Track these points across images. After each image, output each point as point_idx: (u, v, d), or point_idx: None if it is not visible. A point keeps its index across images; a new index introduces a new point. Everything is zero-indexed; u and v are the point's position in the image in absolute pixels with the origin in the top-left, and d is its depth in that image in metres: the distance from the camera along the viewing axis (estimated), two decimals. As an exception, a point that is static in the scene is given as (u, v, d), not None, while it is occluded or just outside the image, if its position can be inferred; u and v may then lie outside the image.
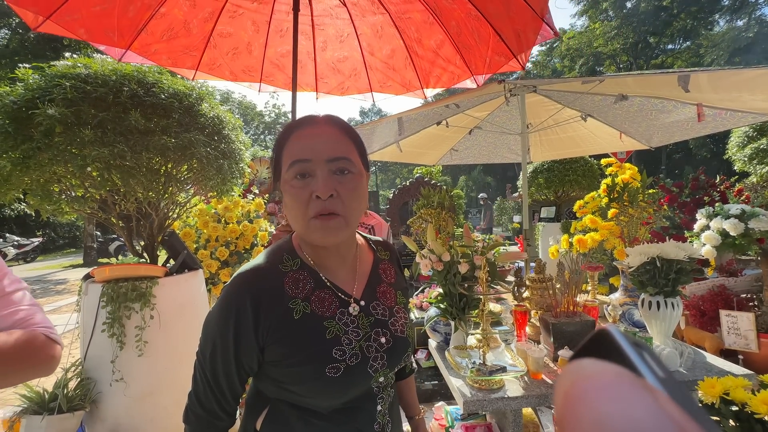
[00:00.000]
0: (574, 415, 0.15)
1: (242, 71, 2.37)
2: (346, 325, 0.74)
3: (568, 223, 3.64)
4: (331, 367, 0.69)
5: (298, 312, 0.71)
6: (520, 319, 1.76)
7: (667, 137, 3.94)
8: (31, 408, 1.77)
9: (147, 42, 1.99)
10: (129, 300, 1.84)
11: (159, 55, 2.07)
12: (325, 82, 2.57)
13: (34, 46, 11.27)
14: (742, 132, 6.35)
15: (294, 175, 0.70)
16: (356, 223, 0.74)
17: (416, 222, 2.35)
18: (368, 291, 0.81)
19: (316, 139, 0.71)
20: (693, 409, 0.14)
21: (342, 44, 2.42)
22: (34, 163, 1.67)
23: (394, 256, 0.94)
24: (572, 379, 0.16)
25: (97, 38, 1.86)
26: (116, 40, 1.88)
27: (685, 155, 23.97)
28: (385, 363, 0.76)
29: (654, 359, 0.16)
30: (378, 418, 0.77)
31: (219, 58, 2.24)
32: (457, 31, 2.16)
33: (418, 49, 2.36)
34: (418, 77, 2.48)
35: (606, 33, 26.83)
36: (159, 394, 1.90)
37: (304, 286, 0.74)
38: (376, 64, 2.50)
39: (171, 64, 2.13)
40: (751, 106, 2.93)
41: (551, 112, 3.77)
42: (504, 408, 1.44)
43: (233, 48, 2.26)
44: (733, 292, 2.58)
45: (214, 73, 2.28)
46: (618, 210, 2.30)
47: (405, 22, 2.25)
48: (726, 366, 1.58)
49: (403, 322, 0.83)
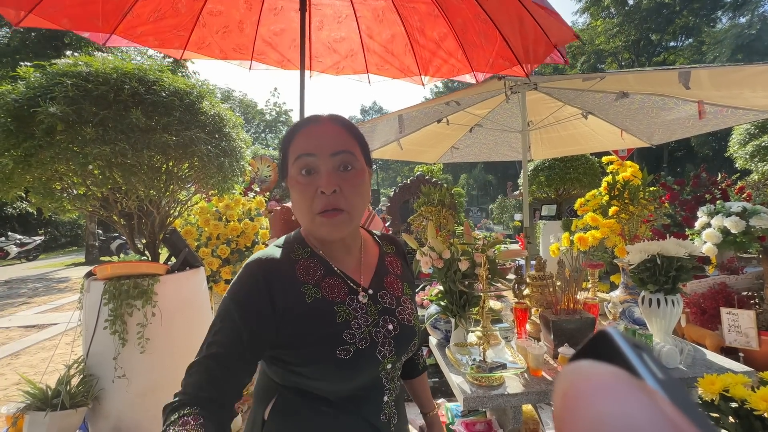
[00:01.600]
0: (572, 416, 0.15)
1: (232, 49, 2.29)
2: (356, 310, 0.76)
3: (569, 221, 3.64)
4: (341, 348, 0.71)
5: (310, 296, 0.74)
6: (521, 317, 1.77)
7: (668, 135, 3.93)
8: (34, 404, 1.79)
9: (133, 25, 1.93)
10: (131, 297, 1.85)
11: (145, 37, 2.00)
12: (319, 60, 2.51)
13: (36, 44, 11.27)
14: (743, 129, 6.33)
15: (299, 171, 0.73)
16: (359, 217, 0.77)
17: (417, 220, 2.35)
18: (375, 280, 0.84)
19: (320, 135, 0.74)
20: (691, 411, 0.14)
21: (340, 25, 2.36)
22: (36, 161, 1.67)
23: (400, 249, 0.96)
24: (571, 379, 0.17)
25: (81, 26, 1.81)
26: (100, 25, 1.83)
27: (687, 153, 23.90)
28: (393, 350, 0.77)
29: (653, 361, 0.17)
30: (384, 409, 0.78)
31: (208, 37, 2.17)
32: (462, 29, 2.13)
33: (420, 38, 2.32)
34: (417, 64, 2.44)
35: (608, 30, 26.72)
36: (161, 390, 1.91)
37: (315, 273, 0.77)
38: (375, 47, 2.44)
39: (158, 45, 2.05)
40: (752, 104, 2.92)
41: (552, 109, 3.77)
42: (504, 405, 1.44)
43: (224, 26, 2.19)
44: (734, 290, 2.58)
45: (203, 51, 2.20)
46: (618, 208, 2.30)
47: (408, 11, 2.22)
48: (726, 363, 1.58)
49: (410, 312, 0.85)
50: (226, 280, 2.97)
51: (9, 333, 4.92)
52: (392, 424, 0.80)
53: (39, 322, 5.35)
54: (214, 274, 2.95)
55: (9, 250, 12.35)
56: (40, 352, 4.15)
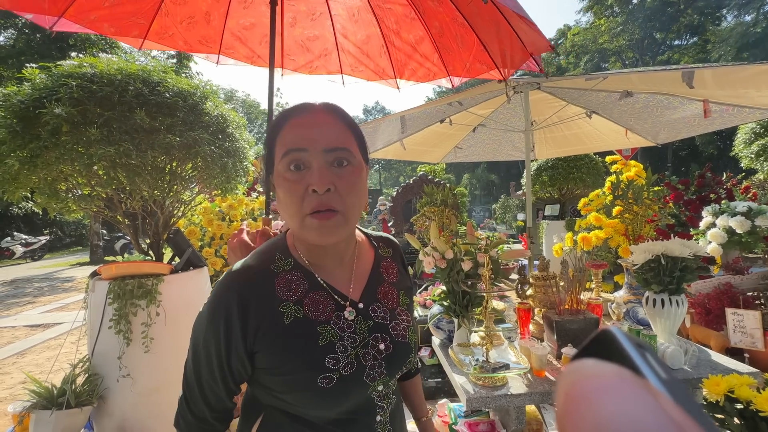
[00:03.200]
0: (575, 415, 0.15)
1: (198, 41, 2.18)
2: (342, 330, 0.69)
3: (572, 220, 3.63)
4: (323, 377, 0.64)
5: (289, 316, 0.67)
6: (524, 317, 1.76)
7: (674, 134, 3.91)
8: (40, 403, 1.80)
9: (85, 9, 1.78)
10: (135, 297, 1.86)
11: (100, 23, 1.85)
12: (291, 59, 2.41)
13: (40, 46, 11.34)
14: (749, 128, 6.28)
15: (288, 166, 0.64)
16: (356, 220, 0.69)
17: (420, 219, 2.35)
18: (368, 292, 0.75)
19: (312, 127, 0.65)
20: (694, 410, 0.14)
21: (313, 23, 2.27)
22: (42, 161, 1.69)
23: (398, 253, 0.87)
24: (573, 379, 0.16)
25: (23, 6, 1.65)
26: (46, 7, 1.67)
27: (692, 152, 23.74)
28: (384, 371, 0.71)
29: (656, 360, 0.16)
30: (378, 428, 0.72)
31: (171, 27, 2.05)
32: (438, 32, 2.10)
33: (396, 40, 2.27)
34: (392, 67, 2.38)
35: (611, 29, 26.61)
36: (165, 389, 1.92)
37: (297, 288, 0.69)
38: (349, 48, 2.37)
39: (114, 32, 1.93)
40: (758, 102, 2.90)
41: (555, 109, 3.75)
42: (507, 405, 1.44)
43: (188, 17, 2.06)
44: (740, 290, 2.55)
45: (166, 42, 2.07)
46: (622, 207, 2.28)
47: (384, 12, 2.17)
48: (731, 364, 1.57)
49: (405, 326, 0.77)
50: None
51: (15, 332, 4.96)
52: None
53: (44, 322, 5.38)
54: (218, 274, 2.96)
55: (15, 250, 12.45)
56: (46, 351, 4.19)
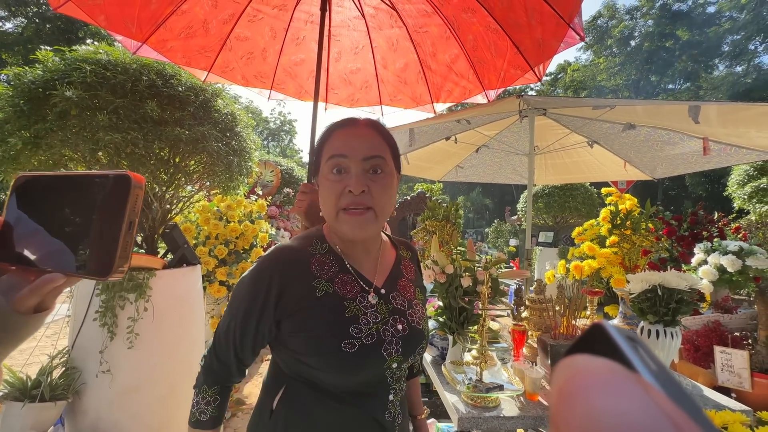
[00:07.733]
0: (568, 411, 0.15)
1: (254, 77, 2.32)
2: (366, 308, 0.79)
3: (565, 248, 3.65)
4: (346, 342, 0.73)
5: (321, 290, 0.76)
6: (518, 339, 1.75)
7: (671, 169, 4.00)
8: (12, 394, 1.72)
9: (164, 38, 1.96)
10: (125, 290, 1.81)
11: (174, 53, 2.03)
12: (335, 93, 2.54)
13: (49, 35, 11.40)
14: (742, 170, 6.46)
15: (331, 169, 0.76)
16: (384, 219, 0.79)
17: (419, 233, 2.35)
18: (389, 281, 0.86)
19: (354, 138, 0.77)
20: (686, 402, 0.14)
21: (356, 56, 2.40)
22: (45, 143, 1.67)
23: (415, 257, 0.99)
24: (566, 375, 0.16)
25: (116, 27, 1.81)
26: (134, 31, 1.85)
27: (681, 192, 24.31)
28: (400, 349, 0.79)
29: (648, 354, 0.16)
30: (390, 407, 0.80)
31: (233, 62, 2.21)
32: (473, 45, 2.15)
33: (432, 63, 2.35)
34: (429, 91, 2.47)
35: (609, 68, 27.58)
36: (145, 389, 1.85)
37: (329, 269, 0.79)
38: (388, 77, 2.48)
39: (185, 62, 2.09)
40: (756, 144, 2.98)
41: (558, 136, 3.83)
42: (499, 427, 1.41)
43: (248, 52, 2.23)
44: (728, 329, 2.57)
45: (227, 76, 2.23)
46: (619, 238, 2.31)
47: (421, 36, 2.25)
48: (723, 400, 1.57)
49: (420, 315, 0.86)
50: (220, 282, 2.93)
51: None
52: (397, 423, 0.81)
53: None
54: (209, 275, 2.90)
55: None
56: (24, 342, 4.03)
